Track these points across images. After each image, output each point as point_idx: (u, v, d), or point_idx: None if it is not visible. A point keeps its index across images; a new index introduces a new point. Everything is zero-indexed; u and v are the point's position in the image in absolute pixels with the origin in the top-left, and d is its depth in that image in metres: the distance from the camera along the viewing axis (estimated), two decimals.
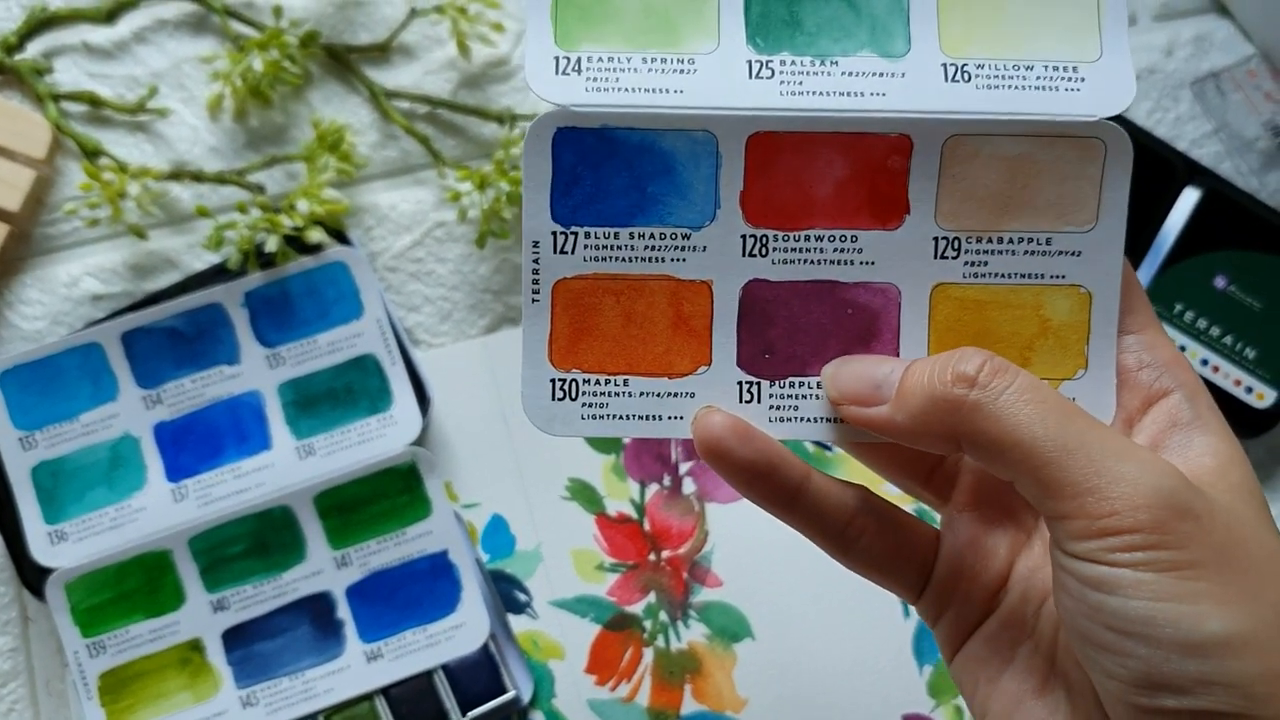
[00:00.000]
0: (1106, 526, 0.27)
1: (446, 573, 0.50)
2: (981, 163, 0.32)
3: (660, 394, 0.32)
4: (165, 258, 0.54)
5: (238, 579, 0.50)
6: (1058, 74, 0.32)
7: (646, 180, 0.32)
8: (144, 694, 0.49)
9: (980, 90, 0.32)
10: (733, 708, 0.51)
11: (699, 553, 0.52)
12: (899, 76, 0.32)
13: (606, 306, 0.32)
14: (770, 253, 0.32)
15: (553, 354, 0.32)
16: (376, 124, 0.56)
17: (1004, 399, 0.28)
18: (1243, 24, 0.60)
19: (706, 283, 0.32)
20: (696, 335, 0.32)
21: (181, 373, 0.51)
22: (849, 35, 0.33)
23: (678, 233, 0.32)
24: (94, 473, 0.50)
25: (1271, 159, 0.58)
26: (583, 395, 0.32)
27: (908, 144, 0.32)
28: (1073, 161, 0.32)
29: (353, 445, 0.51)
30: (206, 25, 0.57)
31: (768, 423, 0.32)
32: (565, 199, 0.32)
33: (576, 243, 0.32)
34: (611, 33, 0.32)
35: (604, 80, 0.32)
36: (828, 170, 0.32)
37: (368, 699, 0.49)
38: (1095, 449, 0.28)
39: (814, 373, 0.32)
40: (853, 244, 0.32)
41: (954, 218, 0.32)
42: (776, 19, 0.33)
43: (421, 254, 0.55)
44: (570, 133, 0.32)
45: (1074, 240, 0.32)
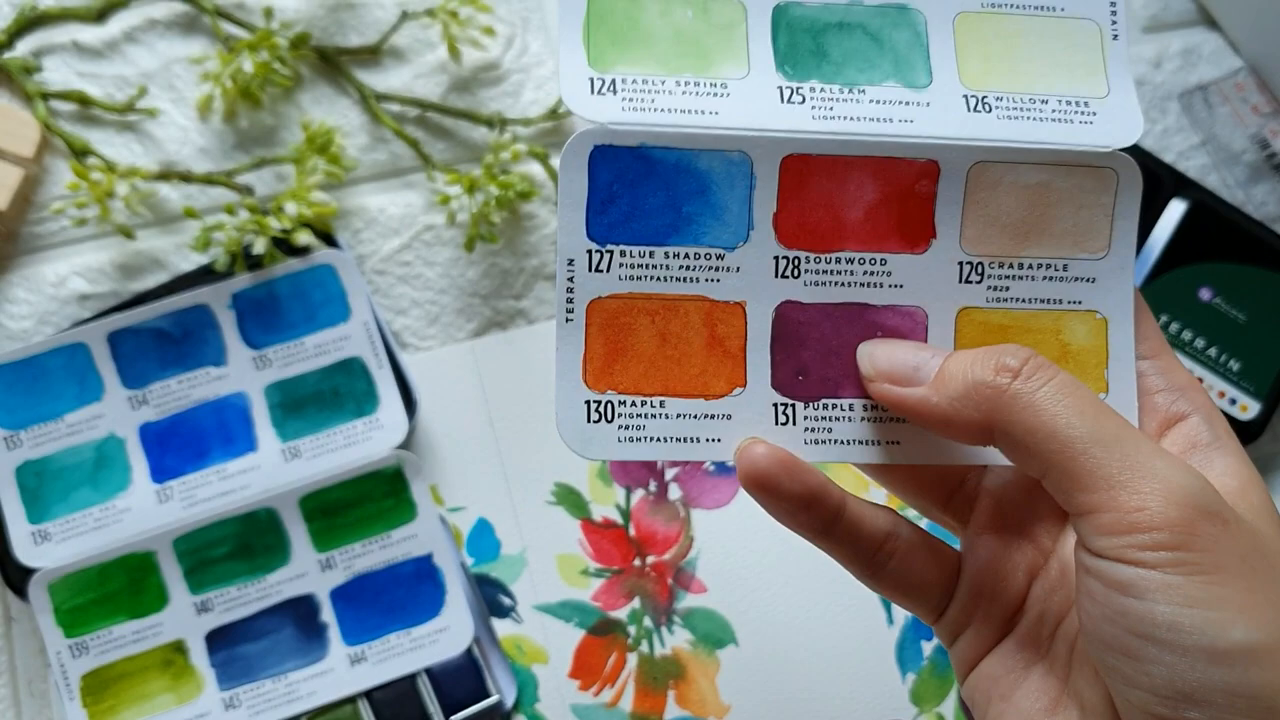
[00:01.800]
0: (1137, 521, 0.27)
1: (431, 576, 0.50)
2: (1004, 190, 0.33)
3: (697, 415, 0.32)
4: (153, 258, 0.54)
5: (222, 581, 0.49)
6: (1071, 108, 0.34)
7: (682, 200, 0.32)
8: (126, 695, 0.49)
9: (1001, 120, 0.33)
10: (716, 714, 0.51)
11: (684, 558, 0.52)
12: (924, 105, 0.33)
13: (641, 327, 0.32)
14: (802, 274, 0.33)
15: (587, 375, 0.32)
16: (366, 126, 0.56)
17: (1043, 392, 0.29)
18: (1231, 37, 0.61)
19: (740, 304, 0.32)
20: (731, 357, 0.32)
21: (167, 373, 0.51)
22: (874, 66, 0.33)
23: (712, 253, 0.32)
24: (79, 473, 0.50)
25: (1258, 172, 0.59)
26: (619, 417, 0.32)
27: (935, 169, 0.33)
28: (1089, 190, 0.33)
29: (338, 448, 0.51)
30: (197, 26, 0.57)
31: (803, 445, 0.32)
32: (601, 217, 0.32)
33: (612, 261, 0.32)
34: (644, 56, 0.33)
35: (640, 101, 0.32)
36: (859, 194, 0.33)
37: (351, 702, 0.49)
38: (1129, 445, 0.28)
39: (846, 395, 0.33)
40: (882, 267, 0.33)
41: (978, 243, 0.33)
42: (804, 49, 0.33)
43: (410, 257, 0.55)
44: (608, 150, 0.32)
45: (1088, 267, 0.33)
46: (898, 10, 0.34)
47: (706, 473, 0.53)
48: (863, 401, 0.33)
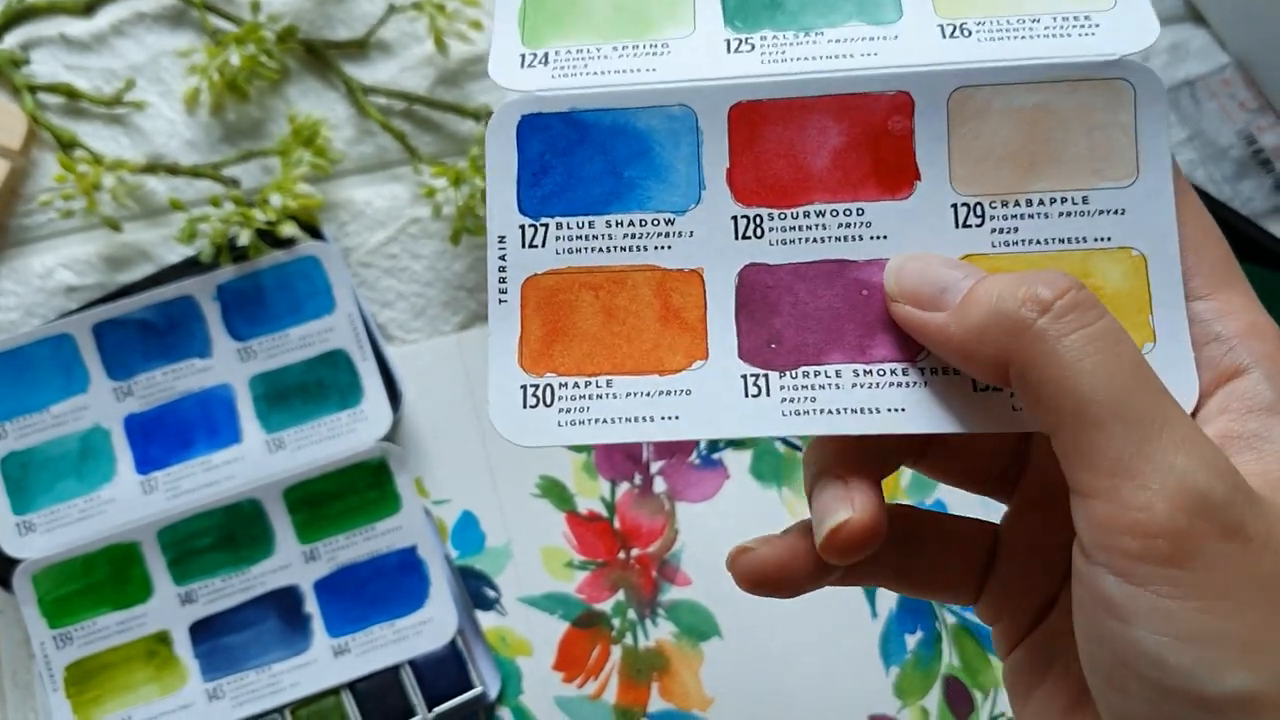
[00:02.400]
0: (1136, 521, 0.23)
1: (415, 568, 0.50)
2: (995, 117, 0.29)
3: (651, 393, 0.29)
4: (139, 250, 0.54)
5: (206, 572, 0.50)
6: (1068, 23, 0.29)
7: (622, 164, 0.30)
8: (110, 685, 0.49)
9: (982, 44, 0.29)
10: (699, 706, 0.51)
11: (668, 551, 0.52)
12: (891, 40, 0.30)
13: (584, 303, 0.30)
14: (766, 233, 0.30)
15: (523, 358, 0.29)
16: (353, 119, 0.56)
17: (1071, 339, 0.24)
18: (1218, 33, 0.61)
19: (697, 271, 0.30)
20: (689, 328, 0.29)
21: (153, 365, 0.51)
22: (834, 9, 0.30)
23: (660, 218, 0.30)
24: (63, 464, 0.50)
25: (1244, 167, 0.59)
26: (559, 400, 0.29)
27: (908, 101, 0.29)
28: (1100, 108, 0.29)
29: (323, 440, 0.51)
30: (184, 19, 0.57)
31: (781, 418, 0.29)
32: (533, 189, 0.30)
33: (547, 235, 0.30)
34: (581, 30, 0.31)
35: (571, 68, 0.30)
36: (822, 139, 0.29)
37: (334, 693, 0.49)
38: (1154, 426, 0.23)
39: (830, 360, 0.29)
40: (860, 218, 0.29)
41: (972, 181, 0.29)
42: (757, 3, 0.31)
43: (396, 250, 0.55)
44: (536, 119, 0.30)
45: (1114, 197, 0.29)
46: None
47: (691, 466, 0.53)
48: (854, 366, 0.29)
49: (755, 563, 0.29)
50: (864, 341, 0.29)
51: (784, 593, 0.29)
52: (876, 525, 0.27)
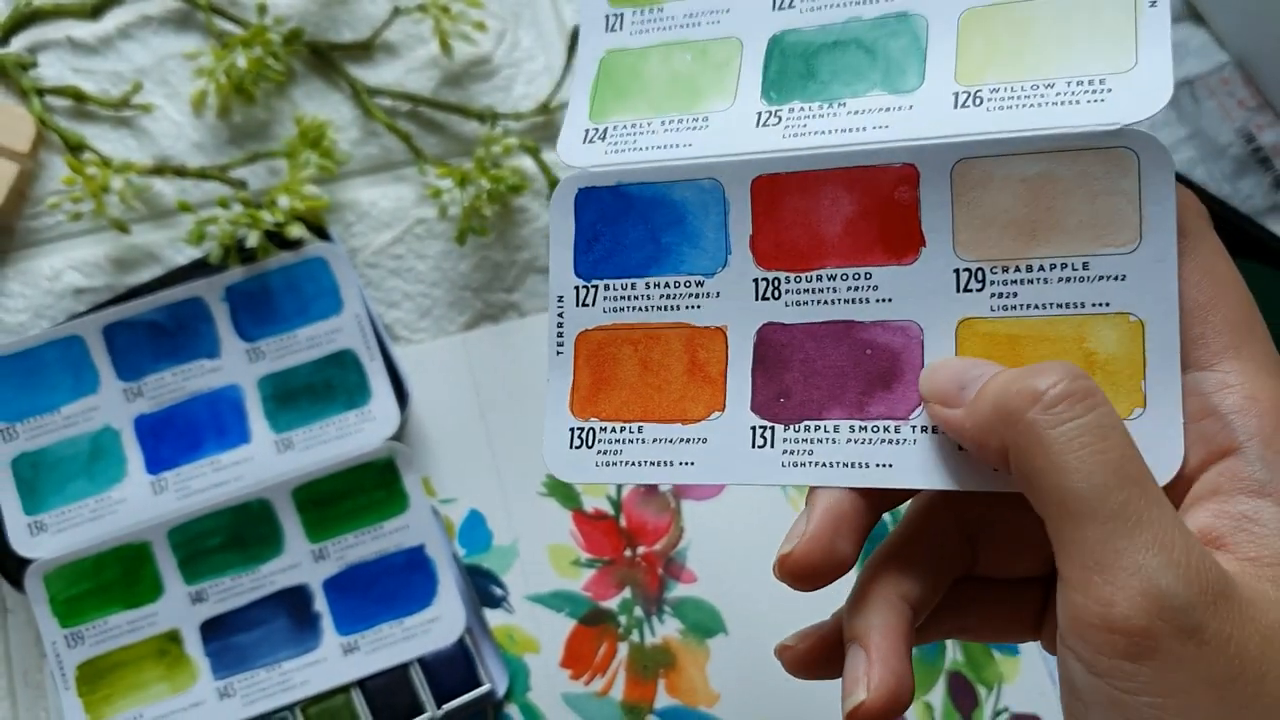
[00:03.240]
0: (1100, 616, 0.24)
1: (423, 567, 0.51)
2: (997, 186, 0.30)
3: (673, 440, 0.32)
4: (147, 252, 0.54)
5: (216, 571, 0.50)
6: (1080, 88, 0.30)
7: (660, 231, 0.33)
8: (121, 684, 0.49)
9: (990, 112, 0.31)
10: (705, 702, 0.51)
11: (674, 549, 0.53)
12: (905, 110, 0.32)
13: (625, 356, 0.33)
14: (783, 295, 0.32)
15: (574, 404, 0.33)
16: (358, 121, 0.56)
17: (1062, 430, 0.25)
18: (1217, 32, 0.61)
19: (721, 329, 0.32)
20: (711, 381, 0.32)
21: (162, 366, 0.51)
22: (861, 78, 0.32)
23: (691, 280, 0.33)
24: (74, 464, 0.50)
25: (1244, 165, 0.59)
26: (599, 443, 0.33)
27: (914, 173, 0.31)
28: (1101, 176, 0.29)
29: (331, 440, 0.51)
30: (191, 22, 0.57)
31: (780, 469, 0.31)
32: (586, 255, 0.33)
33: (597, 295, 0.33)
34: (640, 103, 0.34)
35: (624, 143, 0.34)
36: (835, 208, 0.32)
37: (344, 691, 0.50)
38: (1127, 524, 0.24)
39: (831, 416, 0.31)
40: (867, 281, 0.31)
41: (974, 247, 0.30)
42: (793, 73, 0.33)
43: (402, 250, 0.55)
44: (590, 192, 0.33)
45: (1116, 263, 0.29)
46: (897, 19, 0.33)
47: None
48: (850, 422, 0.31)
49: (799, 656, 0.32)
50: (863, 399, 0.31)
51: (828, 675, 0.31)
52: (892, 701, 0.28)
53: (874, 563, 0.31)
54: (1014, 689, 0.52)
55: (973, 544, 0.32)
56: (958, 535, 0.32)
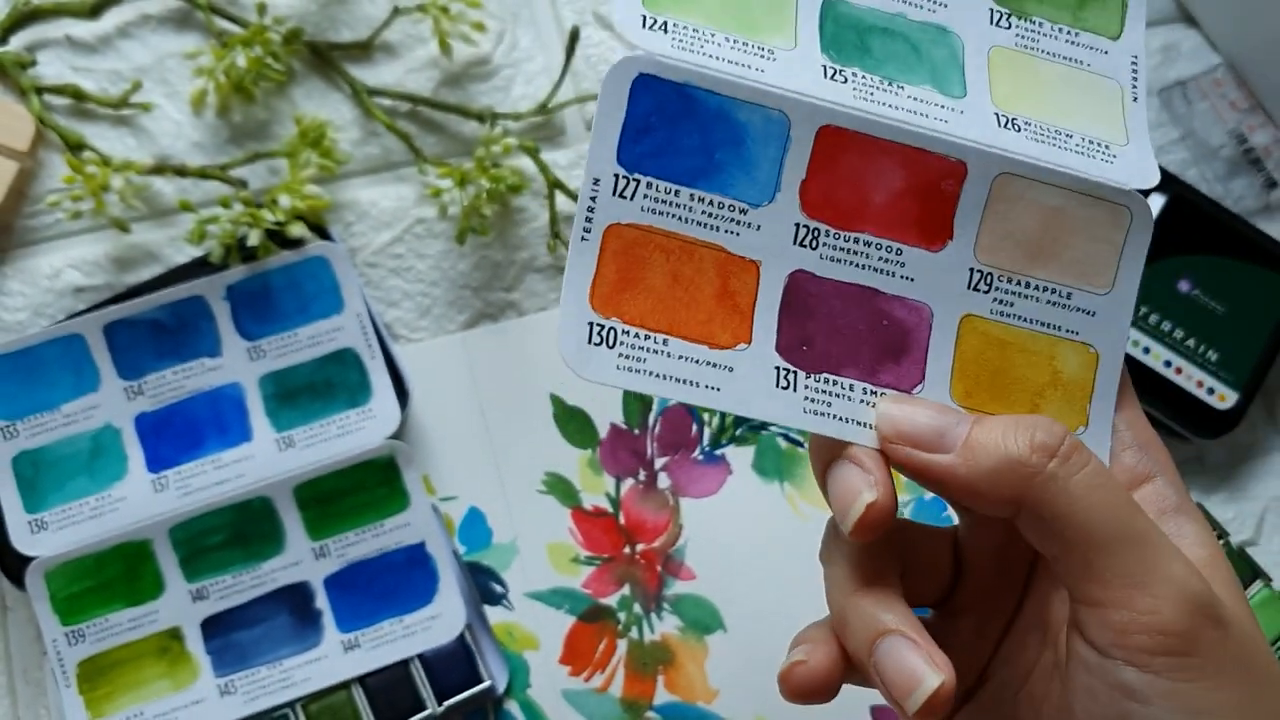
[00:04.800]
0: (1150, 624, 0.28)
1: (423, 564, 0.51)
2: (1024, 206, 0.33)
3: (699, 361, 0.32)
4: (147, 251, 0.54)
5: (217, 569, 0.50)
6: (1094, 146, 0.34)
7: (716, 147, 0.32)
8: (122, 682, 0.49)
9: (1030, 140, 0.34)
10: (704, 699, 0.52)
11: (673, 546, 0.53)
12: (958, 112, 0.34)
13: (656, 262, 0.32)
14: (820, 246, 0.33)
15: (594, 298, 0.32)
16: (358, 121, 0.57)
17: (1078, 479, 0.29)
18: (1210, 34, 0.62)
19: (755, 263, 0.32)
20: (740, 312, 0.32)
21: (163, 364, 0.51)
22: (912, 70, 0.34)
23: (736, 205, 0.32)
24: (75, 462, 0.50)
25: (1236, 166, 0.60)
26: (620, 345, 0.32)
27: (963, 170, 0.33)
28: (1102, 224, 0.33)
29: (332, 438, 0.51)
30: (190, 21, 0.57)
31: (802, 413, 0.32)
32: (634, 145, 0.32)
33: (637, 190, 0.32)
34: (695, 9, 0.33)
35: (690, 44, 0.32)
36: (887, 179, 0.33)
37: (345, 688, 0.50)
38: (1152, 544, 0.28)
39: (846, 374, 0.32)
40: (897, 257, 0.33)
41: (991, 252, 0.33)
42: (848, 41, 0.34)
43: (402, 250, 0.55)
44: (651, 80, 0.32)
45: (1091, 300, 0.34)
46: (938, 30, 0.35)
47: (695, 462, 0.54)
48: (863, 385, 0.33)
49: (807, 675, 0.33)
50: (875, 365, 0.33)
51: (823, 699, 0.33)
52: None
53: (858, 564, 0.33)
54: None
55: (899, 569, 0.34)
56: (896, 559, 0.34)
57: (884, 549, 0.32)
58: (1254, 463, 0.57)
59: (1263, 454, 0.57)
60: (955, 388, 0.33)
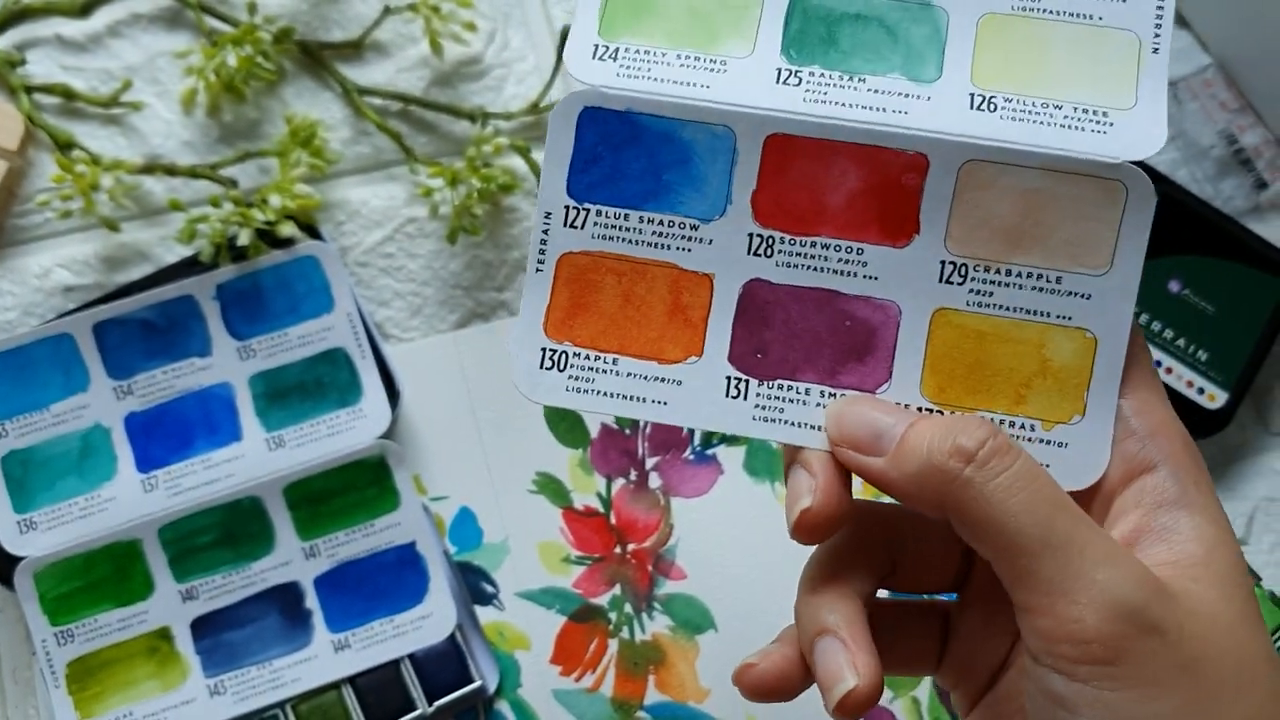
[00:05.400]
0: (1072, 632, 0.27)
1: (414, 564, 0.51)
2: (997, 192, 0.32)
3: (647, 377, 0.33)
4: (137, 250, 0.54)
5: (207, 569, 0.50)
6: (1086, 115, 0.32)
7: (663, 168, 0.33)
8: (112, 682, 0.49)
9: (1004, 121, 0.32)
10: (695, 698, 0.52)
11: (664, 546, 0.53)
12: (924, 99, 0.33)
13: (607, 285, 0.33)
14: (775, 254, 0.33)
15: (548, 324, 0.33)
16: (349, 120, 0.57)
17: (996, 483, 0.28)
18: (1200, 35, 0.62)
19: (708, 276, 0.33)
20: (692, 325, 0.33)
21: (153, 364, 0.51)
22: (882, 59, 0.33)
23: (686, 222, 0.33)
24: (64, 462, 0.50)
25: (1226, 166, 0.60)
26: (570, 368, 0.33)
27: (924, 163, 0.32)
28: (1091, 202, 0.32)
29: (322, 438, 0.51)
30: (181, 20, 0.57)
31: (751, 420, 0.32)
32: (582, 175, 0.33)
33: (587, 219, 0.33)
34: (654, 29, 0.33)
35: (636, 69, 0.33)
36: (842, 180, 0.32)
37: (335, 688, 0.50)
38: (1076, 549, 0.27)
39: (804, 379, 0.33)
40: (858, 256, 0.32)
41: (964, 244, 0.32)
42: (814, 35, 0.33)
43: (393, 249, 0.55)
44: (596, 112, 0.33)
45: (1085, 282, 0.32)
46: (920, 6, 0.34)
47: (686, 462, 0.54)
48: (820, 387, 0.33)
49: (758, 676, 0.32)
50: (836, 367, 0.33)
51: (783, 698, 0.32)
52: (880, 689, 0.30)
53: (818, 562, 0.33)
54: None
55: (893, 560, 0.34)
56: (884, 549, 0.34)
57: (851, 547, 0.33)
58: (1243, 463, 0.57)
59: (1252, 454, 0.57)
60: (927, 384, 0.32)
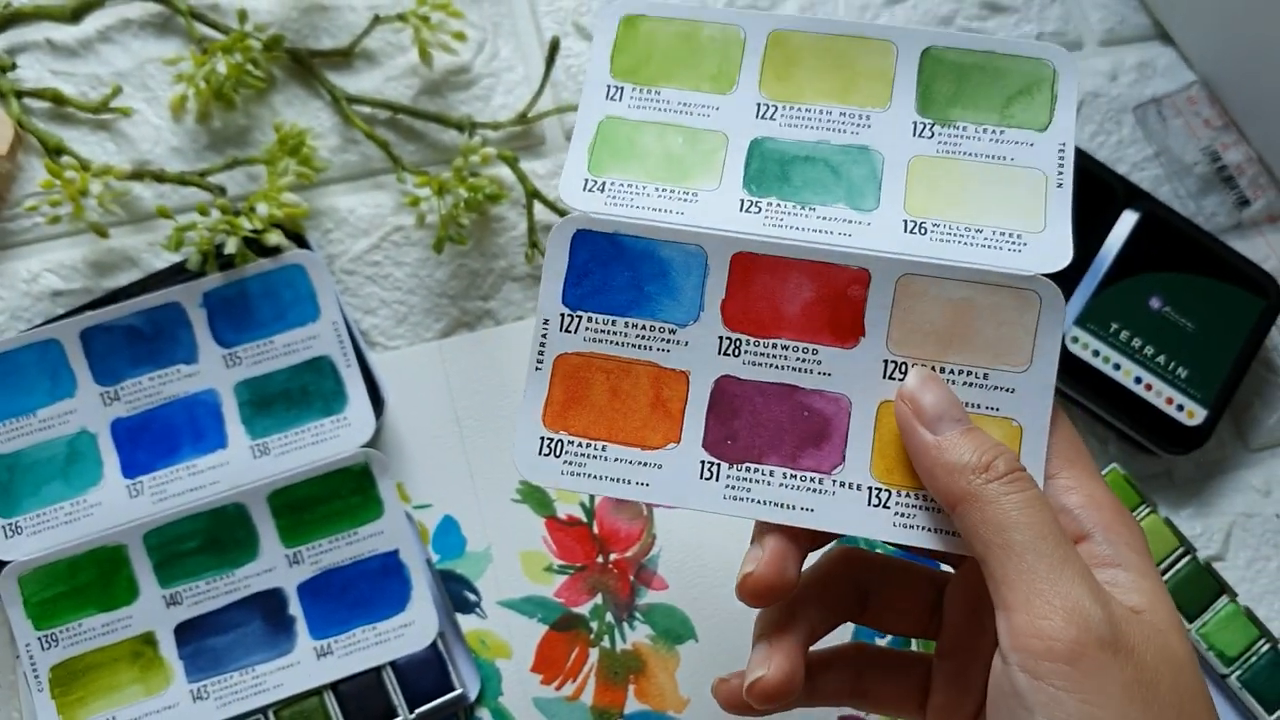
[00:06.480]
0: (1040, 629, 0.30)
1: (397, 572, 0.51)
2: (929, 301, 0.37)
3: (632, 462, 0.37)
4: (125, 256, 0.55)
5: (191, 574, 0.50)
6: (1003, 238, 0.37)
7: (644, 281, 0.38)
8: (95, 686, 0.49)
9: (934, 242, 0.37)
10: (675, 708, 0.52)
11: (645, 556, 0.54)
12: (865, 225, 0.38)
13: (597, 381, 0.38)
14: (742, 354, 0.37)
15: (546, 416, 0.37)
16: (338, 128, 0.57)
17: (1010, 499, 0.32)
18: (1185, 52, 0.62)
19: (685, 373, 0.37)
20: (671, 416, 0.37)
21: (139, 370, 0.52)
22: (828, 191, 0.39)
23: (665, 327, 0.38)
24: (50, 467, 0.51)
25: (1209, 184, 0.60)
26: (565, 454, 0.37)
27: (866, 276, 0.37)
28: (1010, 309, 0.37)
29: (307, 445, 0.52)
30: (171, 27, 0.57)
31: (722, 500, 0.37)
32: (575, 288, 0.38)
33: (580, 325, 0.38)
34: (635, 169, 0.39)
35: (621, 199, 0.39)
36: (797, 292, 0.37)
37: (317, 694, 0.50)
38: (1059, 562, 0.31)
39: (768, 462, 0.37)
40: (813, 356, 0.37)
41: (902, 345, 0.37)
42: (770, 174, 0.39)
43: (379, 257, 0.56)
44: (587, 234, 0.38)
45: (1009, 378, 0.37)
46: (859, 150, 0.39)
47: None
48: (783, 469, 0.37)
49: (731, 690, 0.38)
50: (796, 452, 0.37)
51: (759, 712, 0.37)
52: (787, 684, 0.35)
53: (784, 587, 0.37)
54: None
55: (863, 599, 0.40)
56: (853, 587, 0.40)
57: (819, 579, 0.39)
58: (1221, 479, 0.57)
59: (1230, 470, 0.57)
60: (876, 465, 0.37)
